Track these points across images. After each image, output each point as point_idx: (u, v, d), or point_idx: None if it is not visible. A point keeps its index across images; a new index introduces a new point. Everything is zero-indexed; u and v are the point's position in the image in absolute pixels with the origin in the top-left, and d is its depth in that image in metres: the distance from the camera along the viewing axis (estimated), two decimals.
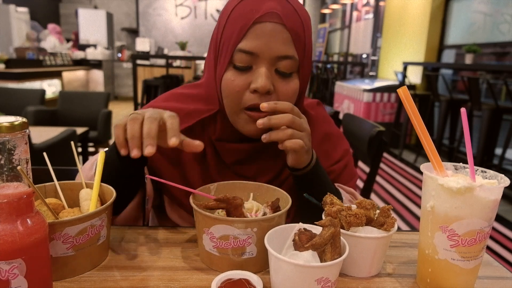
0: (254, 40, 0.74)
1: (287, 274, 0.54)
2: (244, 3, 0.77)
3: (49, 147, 2.29)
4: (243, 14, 0.75)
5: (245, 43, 0.75)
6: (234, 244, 0.64)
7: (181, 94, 0.91)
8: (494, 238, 2.99)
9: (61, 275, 0.61)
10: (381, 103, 5.69)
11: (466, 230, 0.58)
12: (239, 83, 0.77)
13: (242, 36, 0.75)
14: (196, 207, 0.66)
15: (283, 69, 0.77)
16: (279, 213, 0.65)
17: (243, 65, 0.76)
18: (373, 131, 1.26)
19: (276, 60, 0.76)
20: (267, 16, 0.74)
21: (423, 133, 0.62)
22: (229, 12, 0.78)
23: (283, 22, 0.74)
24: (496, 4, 4.67)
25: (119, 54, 10.74)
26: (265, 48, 0.74)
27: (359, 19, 9.27)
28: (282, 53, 0.75)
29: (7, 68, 5.88)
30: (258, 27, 0.74)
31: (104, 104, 4.07)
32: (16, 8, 8.24)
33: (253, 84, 0.75)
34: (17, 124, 0.46)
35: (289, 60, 0.76)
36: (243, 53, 0.75)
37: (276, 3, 0.75)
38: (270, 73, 0.76)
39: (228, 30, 0.77)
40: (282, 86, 0.78)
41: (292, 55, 0.76)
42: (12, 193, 0.46)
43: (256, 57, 0.75)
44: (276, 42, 0.75)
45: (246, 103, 0.77)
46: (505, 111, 3.85)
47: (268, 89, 0.75)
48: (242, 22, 0.75)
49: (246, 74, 0.77)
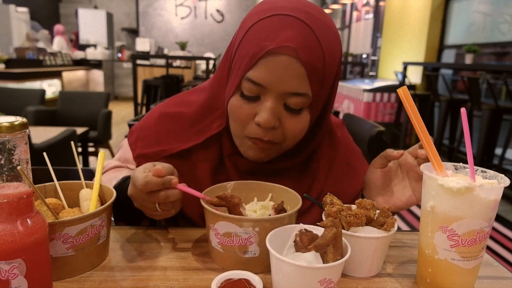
0: (264, 71, 0.69)
1: (289, 275, 0.54)
2: (261, 24, 0.70)
3: (49, 147, 2.29)
4: (257, 39, 0.69)
5: (254, 73, 0.70)
6: (237, 242, 0.64)
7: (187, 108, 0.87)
8: (494, 238, 2.99)
9: (61, 275, 0.61)
10: (381, 103, 5.69)
11: (466, 230, 0.58)
12: (244, 112, 0.73)
13: (252, 64, 0.69)
14: (203, 203, 0.67)
15: (293, 106, 0.72)
16: (281, 215, 0.65)
17: (251, 95, 0.72)
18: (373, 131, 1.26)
19: (286, 96, 0.71)
20: (281, 48, 0.67)
21: (423, 133, 0.62)
22: (246, 29, 0.72)
23: (298, 56, 0.67)
24: (496, 4, 4.66)
25: (119, 54, 10.73)
26: (274, 82, 0.69)
27: (359, 19, 9.26)
28: (292, 90, 0.70)
29: (7, 68, 5.88)
30: (270, 59, 0.68)
31: (104, 104, 4.07)
32: (16, 8, 8.24)
33: (257, 118, 0.72)
34: (17, 124, 0.46)
35: (300, 97, 0.71)
36: (251, 83, 0.70)
37: (295, 33, 0.68)
38: (277, 107, 0.72)
39: (241, 51, 0.72)
40: (289, 121, 0.73)
41: (305, 92, 0.70)
42: (12, 193, 0.46)
43: (264, 89, 0.70)
44: (287, 78, 0.69)
45: (250, 133, 0.74)
46: (505, 111, 3.85)
47: (273, 125, 0.72)
48: (254, 48, 0.69)
49: (253, 104, 0.73)
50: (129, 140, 0.89)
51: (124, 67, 10.37)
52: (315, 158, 0.87)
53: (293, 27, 0.68)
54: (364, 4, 8.84)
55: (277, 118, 0.72)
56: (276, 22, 0.69)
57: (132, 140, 0.88)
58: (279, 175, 0.84)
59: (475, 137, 4.12)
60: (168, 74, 6.41)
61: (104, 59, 9.47)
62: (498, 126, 3.96)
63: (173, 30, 10.82)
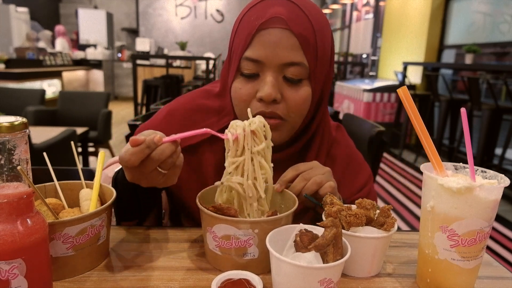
0: (259, 47, 0.73)
1: (289, 276, 0.54)
2: (252, 10, 0.75)
3: (49, 147, 2.29)
4: (249, 21, 0.74)
5: (250, 51, 0.73)
6: (236, 244, 0.64)
7: (200, 106, 0.89)
8: (494, 238, 2.99)
9: (61, 275, 0.61)
10: (381, 103, 5.69)
11: (466, 230, 0.58)
12: (246, 92, 0.76)
13: (248, 44, 0.73)
14: (200, 205, 0.66)
15: (291, 76, 0.74)
16: (281, 216, 0.65)
17: (250, 73, 0.75)
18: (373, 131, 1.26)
19: (283, 67, 0.74)
20: (271, 21, 0.72)
21: (423, 133, 0.62)
22: (239, 20, 0.77)
23: (289, 27, 0.72)
24: (496, 4, 4.66)
25: (119, 54, 10.73)
26: (270, 55, 0.72)
27: (359, 19, 9.26)
28: (288, 59, 0.73)
29: (7, 68, 5.88)
30: (263, 33, 0.72)
31: (104, 104, 4.07)
32: (16, 8, 8.23)
33: (259, 93, 0.74)
34: (17, 124, 0.46)
35: (297, 67, 0.74)
36: (249, 61, 0.74)
37: (283, 8, 0.73)
38: (277, 80, 0.74)
39: (237, 38, 0.77)
40: (291, 93, 0.76)
41: (300, 61, 0.74)
42: (12, 193, 0.46)
43: (262, 64, 0.74)
44: (281, 49, 0.72)
45: (253, 111, 0.75)
46: (505, 111, 3.85)
47: (274, 97, 0.74)
48: (248, 29, 0.74)
49: (253, 82, 0.76)
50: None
51: (124, 67, 10.36)
52: (312, 148, 0.86)
53: (281, 5, 0.73)
54: (364, 4, 8.84)
55: (278, 91, 0.74)
56: (265, 4, 0.74)
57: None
58: (279, 167, 0.82)
59: (475, 137, 4.12)
60: (168, 74, 6.41)
61: (104, 59, 9.47)
62: (498, 126, 3.96)
63: (173, 30, 10.82)
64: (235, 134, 0.67)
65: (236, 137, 0.67)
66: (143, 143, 0.60)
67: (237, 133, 0.67)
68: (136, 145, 0.60)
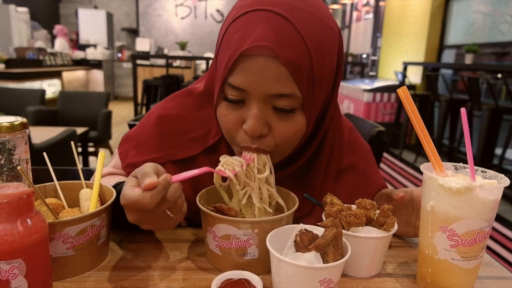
0: (242, 75, 0.63)
1: (289, 276, 0.54)
2: (237, 23, 0.64)
3: (49, 147, 2.29)
4: (231, 40, 0.63)
5: (233, 78, 0.64)
6: (236, 244, 0.64)
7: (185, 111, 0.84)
8: (494, 238, 2.99)
9: (61, 275, 0.61)
10: (381, 103, 5.69)
11: (466, 230, 0.58)
12: (231, 119, 0.68)
13: (229, 68, 0.63)
14: (200, 205, 0.66)
15: (282, 106, 0.65)
16: (280, 216, 0.65)
17: (234, 99, 0.66)
18: (373, 131, 1.25)
19: (271, 98, 0.64)
20: (255, 48, 0.60)
21: (423, 133, 0.62)
22: (223, 31, 0.67)
23: (275, 54, 0.60)
24: (496, 4, 4.66)
25: (119, 54, 10.74)
26: (254, 85, 0.63)
27: (359, 19, 9.26)
28: (275, 91, 0.63)
29: (7, 68, 5.88)
30: (246, 59, 0.62)
31: (104, 104, 4.07)
32: (16, 8, 8.24)
33: (244, 125, 0.66)
34: (17, 124, 0.46)
35: (286, 98, 0.64)
36: (232, 88, 0.65)
37: (270, 28, 0.60)
38: (264, 112, 0.65)
39: (221, 55, 0.67)
40: (280, 125, 0.67)
41: (290, 92, 0.63)
42: (12, 193, 0.46)
43: (246, 93, 0.64)
44: (267, 79, 0.62)
45: (240, 142, 0.69)
46: (505, 111, 3.85)
47: (260, 133, 0.66)
48: (230, 51, 0.63)
49: (238, 110, 0.67)
50: (119, 149, 0.86)
51: (124, 67, 10.36)
52: (318, 160, 0.81)
53: (268, 23, 0.60)
54: (364, 4, 8.84)
55: (266, 124, 0.66)
56: (250, 19, 0.62)
57: (122, 149, 0.85)
58: (282, 183, 0.78)
59: (475, 137, 4.12)
60: (168, 74, 6.42)
61: (104, 59, 9.47)
62: (498, 126, 3.96)
63: (173, 30, 10.82)
64: (233, 171, 0.68)
65: (235, 173, 0.68)
66: (158, 184, 0.55)
67: (236, 171, 0.68)
68: (151, 188, 0.55)
